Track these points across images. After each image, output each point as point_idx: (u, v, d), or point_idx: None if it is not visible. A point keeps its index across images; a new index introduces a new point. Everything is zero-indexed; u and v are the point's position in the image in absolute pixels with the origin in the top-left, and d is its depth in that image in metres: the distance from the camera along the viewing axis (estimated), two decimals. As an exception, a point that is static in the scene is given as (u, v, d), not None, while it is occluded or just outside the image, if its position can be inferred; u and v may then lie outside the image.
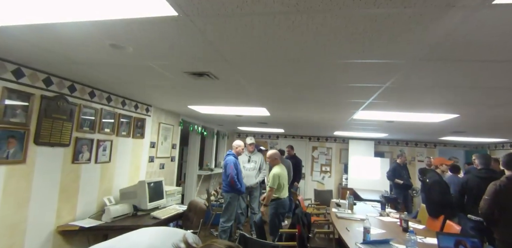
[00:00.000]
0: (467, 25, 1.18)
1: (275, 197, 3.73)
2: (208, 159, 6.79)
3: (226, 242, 0.90)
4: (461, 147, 7.56)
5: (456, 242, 2.09)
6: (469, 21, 1.15)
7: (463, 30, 1.23)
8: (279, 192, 3.72)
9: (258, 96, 2.96)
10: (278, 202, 3.72)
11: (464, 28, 1.21)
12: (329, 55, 1.65)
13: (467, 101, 2.55)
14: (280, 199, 3.72)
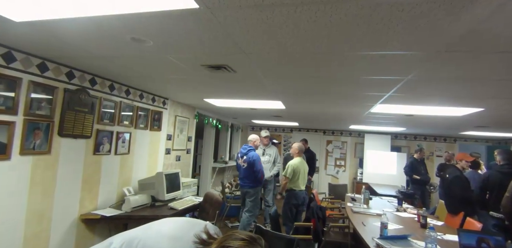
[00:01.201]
0: (495, 17, 1.12)
1: (289, 188, 3.77)
2: (222, 151, 6.86)
3: (246, 232, 0.91)
4: (483, 142, 7.29)
5: (478, 240, 2.04)
6: (497, 13, 1.08)
7: (491, 21, 1.16)
8: (293, 183, 3.77)
9: (274, 89, 2.94)
10: (291, 193, 3.78)
11: (492, 20, 1.15)
12: (350, 47, 1.60)
13: (493, 94, 2.43)
14: (294, 190, 3.77)
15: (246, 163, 3.88)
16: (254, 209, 3.84)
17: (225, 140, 6.91)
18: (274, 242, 2.13)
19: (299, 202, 3.76)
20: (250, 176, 3.83)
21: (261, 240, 0.90)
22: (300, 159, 3.92)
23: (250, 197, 3.87)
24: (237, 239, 0.87)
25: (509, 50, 1.47)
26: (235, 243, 0.85)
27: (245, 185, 3.93)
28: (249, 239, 0.87)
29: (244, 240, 0.86)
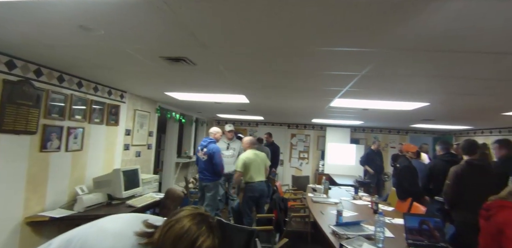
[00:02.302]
0: (445, 17, 1.21)
1: (244, 181, 3.81)
2: (186, 146, 6.72)
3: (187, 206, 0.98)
4: (430, 134, 7.99)
5: (420, 222, 2.25)
6: (447, 13, 1.18)
7: (441, 21, 1.26)
8: (246, 176, 3.78)
9: (237, 83, 2.93)
10: (246, 186, 3.80)
11: (442, 20, 1.24)
12: (309, 43, 1.64)
13: (438, 90, 2.66)
14: (248, 183, 3.77)
15: (206, 155, 3.84)
16: (214, 203, 3.82)
17: (189, 135, 6.77)
18: (234, 234, 2.16)
19: (256, 195, 3.75)
20: (210, 169, 3.79)
21: (202, 207, 1.00)
22: (252, 152, 3.90)
23: (210, 191, 3.84)
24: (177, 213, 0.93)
25: (454, 49, 1.60)
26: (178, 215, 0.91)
27: (204, 178, 3.88)
28: (190, 208, 0.96)
29: (186, 210, 0.94)
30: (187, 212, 0.92)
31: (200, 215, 0.92)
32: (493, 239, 1.71)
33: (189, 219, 0.89)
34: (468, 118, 4.64)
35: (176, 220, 0.89)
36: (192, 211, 0.93)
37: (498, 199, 1.78)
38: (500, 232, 1.67)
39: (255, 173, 3.81)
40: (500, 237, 1.67)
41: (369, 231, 2.37)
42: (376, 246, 2.10)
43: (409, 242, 2.21)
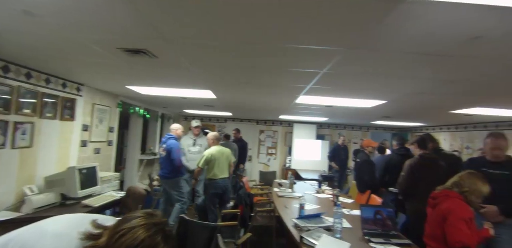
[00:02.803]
0: (402, 21, 1.28)
1: (207, 177, 3.83)
2: (151, 143, 6.50)
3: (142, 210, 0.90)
4: (389, 130, 8.51)
5: (375, 212, 2.40)
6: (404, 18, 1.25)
7: (398, 25, 1.33)
8: (209, 173, 3.79)
9: (202, 78, 2.88)
10: (209, 182, 3.82)
11: (399, 23, 1.31)
12: (275, 39, 1.65)
13: (393, 89, 2.83)
14: (211, 179, 3.80)
15: (165, 151, 3.76)
16: (183, 197, 3.75)
17: (154, 131, 6.54)
18: (197, 231, 2.14)
19: (219, 191, 3.78)
20: (168, 165, 3.72)
21: (157, 212, 0.91)
22: (217, 148, 3.92)
23: (172, 188, 3.76)
24: (131, 219, 0.84)
25: (405, 50, 1.71)
26: (128, 224, 0.83)
27: (163, 175, 3.80)
28: (144, 215, 0.86)
29: (139, 217, 0.85)
30: (141, 221, 0.83)
31: (155, 226, 0.84)
32: (438, 225, 1.87)
33: (143, 230, 0.81)
34: (420, 116, 5.02)
35: (129, 228, 0.81)
36: (147, 220, 0.84)
37: (444, 189, 1.95)
38: (444, 219, 1.83)
39: (218, 170, 3.83)
40: (443, 223, 1.83)
41: (328, 222, 2.48)
42: (334, 236, 2.21)
43: (365, 231, 2.35)
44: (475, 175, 1.91)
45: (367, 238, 2.23)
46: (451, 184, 1.93)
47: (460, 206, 1.80)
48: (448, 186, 1.95)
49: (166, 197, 3.85)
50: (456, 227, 1.72)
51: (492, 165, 2.40)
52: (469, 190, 1.84)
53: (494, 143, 2.35)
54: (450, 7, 1.12)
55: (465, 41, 1.47)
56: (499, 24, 1.27)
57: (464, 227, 1.72)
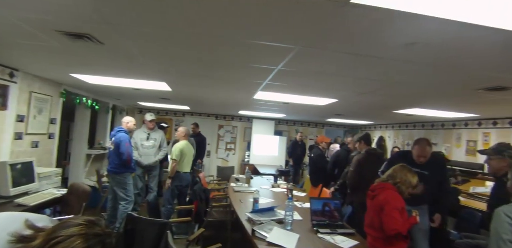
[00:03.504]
0: (341, 21, 1.34)
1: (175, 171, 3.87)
2: (101, 136, 6.06)
3: (84, 217, 0.83)
4: (342, 127, 9.01)
5: (323, 204, 2.54)
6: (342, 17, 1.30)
7: (347, 26, 1.39)
8: (179, 166, 3.88)
9: (155, 69, 2.74)
10: (176, 175, 3.87)
11: (339, 23, 1.37)
12: (231, 33, 1.63)
13: (342, 88, 2.99)
14: (178, 172, 3.88)
15: (114, 144, 3.55)
16: (128, 196, 3.57)
17: (104, 124, 6.10)
18: (146, 228, 2.06)
19: (183, 184, 3.91)
20: (116, 159, 3.50)
21: (101, 221, 0.84)
22: (186, 142, 4.01)
23: (118, 185, 3.54)
24: (70, 226, 0.77)
25: (347, 51, 1.80)
26: (67, 231, 0.76)
27: (111, 170, 3.57)
28: (86, 223, 0.80)
29: (80, 225, 0.78)
30: (82, 229, 0.77)
31: (95, 237, 0.78)
32: (377, 215, 2.03)
33: (82, 240, 0.74)
34: (368, 114, 5.39)
35: (67, 236, 0.74)
36: (88, 230, 0.78)
37: (381, 182, 2.12)
38: (381, 209, 1.99)
39: (187, 163, 3.95)
40: (381, 213, 2.00)
41: (281, 215, 2.55)
42: (285, 228, 2.28)
43: (314, 222, 2.47)
44: (406, 168, 2.13)
45: (316, 229, 2.35)
46: (387, 177, 2.12)
47: (394, 197, 1.98)
48: (384, 179, 2.13)
49: (114, 194, 3.63)
50: (391, 216, 1.89)
51: (417, 165, 2.56)
52: (400, 181, 2.04)
53: (420, 151, 2.54)
54: (390, 14, 1.20)
55: (402, 46, 1.59)
56: (433, 33, 1.40)
57: (398, 216, 1.89)
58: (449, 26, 1.29)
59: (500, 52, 1.62)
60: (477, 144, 4.77)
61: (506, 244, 1.38)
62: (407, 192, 2.04)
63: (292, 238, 2.08)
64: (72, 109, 5.17)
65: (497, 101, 2.98)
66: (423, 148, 2.54)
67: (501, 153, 2.26)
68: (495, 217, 1.45)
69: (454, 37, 1.43)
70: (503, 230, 1.40)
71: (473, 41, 1.48)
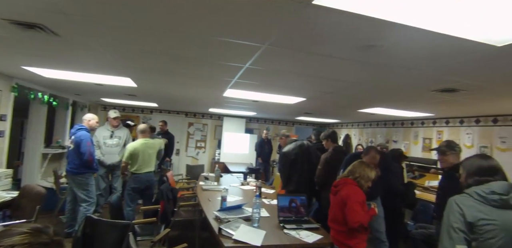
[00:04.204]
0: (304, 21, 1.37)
1: (130, 171, 3.58)
2: (60, 135, 5.66)
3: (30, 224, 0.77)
4: (311, 125, 9.26)
5: (290, 201, 2.59)
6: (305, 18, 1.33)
7: (301, 25, 1.42)
8: (132, 167, 3.55)
9: (118, 64, 2.61)
10: (131, 177, 3.58)
11: (302, 24, 1.40)
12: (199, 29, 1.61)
13: (309, 87, 3.07)
14: (133, 173, 3.56)
15: (73, 143, 3.32)
16: (90, 197, 3.37)
17: (63, 121, 5.70)
18: (107, 231, 1.96)
19: (141, 186, 3.57)
20: (76, 159, 3.29)
21: (49, 228, 0.78)
22: (143, 141, 3.67)
23: (79, 186, 3.33)
24: (13, 234, 0.71)
25: (312, 51, 1.85)
26: (8, 241, 0.69)
27: (70, 170, 3.33)
28: (31, 231, 0.73)
29: (23, 234, 0.72)
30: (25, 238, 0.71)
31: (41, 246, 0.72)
32: (340, 209, 2.13)
33: None
34: (335, 113, 5.59)
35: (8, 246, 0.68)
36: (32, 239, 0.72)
37: (342, 178, 2.22)
38: (344, 203, 2.08)
39: (143, 163, 3.59)
40: (344, 208, 2.09)
41: (248, 213, 2.56)
42: (252, 226, 2.30)
43: (280, 219, 2.51)
44: (364, 164, 2.28)
45: (282, 225, 2.40)
46: (347, 172, 2.23)
47: (355, 192, 2.08)
48: (345, 175, 2.23)
49: (73, 195, 3.42)
50: (354, 209, 1.99)
51: None
52: (359, 176, 2.16)
53: (371, 159, 2.82)
54: (350, 16, 1.25)
55: (361, 48, 1.67)
56: (389, 37, 1.48)
57: (359, 209, 1.99)
58: (404, 30, 1.37)
59: (449, 57, 1.75)
60: (432, 141, 5.15)
61: (455, 231, 1.50)
62: (366, 185, 2.16)
63: (259, 235, 2.10)
64: (27, 105, 4.77)
65: (448, 102, 3.24)
66: (372, 156, 2.87)
67: (454, 148, 2.48)
68: (448, 205, 1.58)
69: (409, 41, 1.53)
70: (453, 218, 1.53)
71: (426, 46, 1.59)
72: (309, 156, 3.52)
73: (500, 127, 4.07)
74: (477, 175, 1.59)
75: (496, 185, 1.51)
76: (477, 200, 1.50)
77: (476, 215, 1.48)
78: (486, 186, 1.52)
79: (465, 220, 1.49)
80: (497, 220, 1.44)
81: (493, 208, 1.47)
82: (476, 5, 1.10)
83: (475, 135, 4.41)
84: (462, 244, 1.47)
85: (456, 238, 1.49)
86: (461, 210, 1.52)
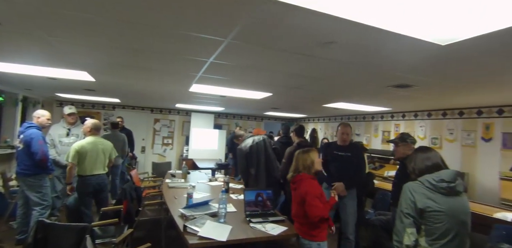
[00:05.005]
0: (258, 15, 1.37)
1: (77, 174, 3.22)
2: (8, 133, 5.18)
3: None
4: (279, 120, 9.40)
5: (256, 195, 2.63)
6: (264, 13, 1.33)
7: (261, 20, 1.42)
8: (79, 169, 3.18)
9: (72, 56, 2.43)
10: (79, 180, 3.21)
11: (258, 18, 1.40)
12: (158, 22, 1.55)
13: (274, 82, 3.10)
14: (82, 176, 3.19)
15: (23, 143, 3.04)
16: (45, 200, 3.12)
17: (12, 118, 5.22)
18: (62, 235, 1.84)
19: (90, 190, 3.18)
20: (26, 159, 3.02)
21: None
22: (91, 139, 3.30)
23: (31, 188, 3.07)
24: None
25: (273, 47, 1.86)
26: None
27: (20, 172, 3.05)
28: None
29: None
30: None
31: None
32: (300, 206, 2.19)
33: None
34: (301, 108, 5.73)
35: None
36: None
37: (296, 174, 2.28)
38: (303, 200, 2.14)
39: (91, 164, 3.22)
40: (303, 204, 2.15)
41: (215, 209, 2.55)
42: (219, 221, 2.30)
43: (247, 213, 2.54)
44: (299, 152, 2.35)
45: (248, 219, 2.42)
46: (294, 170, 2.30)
47: (312, 186, 2.15)
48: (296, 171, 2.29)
49: (25, 199, 3.16)
50: (313, 205, 2.06)
51: (340, 148, 3.11)
52: (303, 165, 2.25)
53: (343, 129, 3.07)
54: (309, 13, 1.28)
55: (321, 44, 1.71)
56: (347, 34, 1.54)
57: (318, 203, 2.07)
58: (358, 29, 1.43)
59: (401, 55, 1.86)
60: (390, 134, 5.49)
61: (406, 217, 1.64)
62: (314, 170, 2.23)
63: (224, 230, 2.10)
64: (-35, 101, 4.28)
65: (403, 97, 3.46)
66: (345, 127, 3.09)
67: (405, 140, 2.68)
68: (402, 191, 1.72)
69: (364, 39, 1.60)
70: (405, 205, 1.66)
71: (382, 45, 1.67)
72: (265, 149, 3.59)
73: (448, 120, 4.45)
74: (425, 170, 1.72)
75: (444, 173, 1.66)
76: (428, 187, 1.64)
77: (425, 202, 1.61)
78: (436, 175, 1.66)
79: (416, 207, 1.62)
80: (444, 206, 1.59)
81: (442, 195, 1.62)
82: (424, 6, 1.18)
83: (427, 128, 4.78)
84: (411, 227, 1.61)
85: (406, 222, 1.63)
86: (413, 197, 1.65)
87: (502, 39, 1.46)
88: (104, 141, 3.45)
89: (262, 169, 3.53)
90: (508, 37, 1.43)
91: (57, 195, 3.85)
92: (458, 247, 1.59)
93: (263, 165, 3.55)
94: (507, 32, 1.36)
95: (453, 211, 1.59)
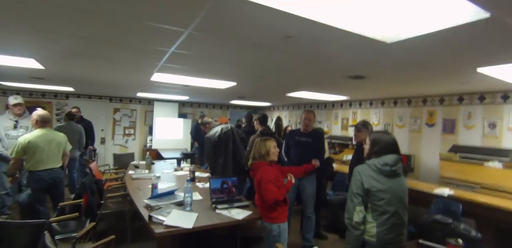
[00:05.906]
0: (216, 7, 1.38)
1: (27, 169, 3.04)
2: None
3: None
4: (245, 109, 9.46)
5: (221, 183, 2.70)
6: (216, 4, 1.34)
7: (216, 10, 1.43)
8: (29, 164, 3.00)
9: (16, 42, 2.22)
10: (29, 176, 3.02)
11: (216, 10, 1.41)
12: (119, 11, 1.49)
13: (237, 72, 3.12)
14: (32, 172, 3.01)
15: None
16: None
17: None
18: (16, 233, 1.77)
19: (43, 185, 3.03)
20: None
21: None
22: (40, 132, 3.08)
23: None
24: None
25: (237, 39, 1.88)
26: None
27: None
28: None
29: None
30: None
31: None
32: (258, 192, 2.31)
33: None
34: (266, 97, 5.83)
35: None
36: None
37: (254, 161, 2.40)
38: (259, 185, 2.27)
39: (43, 159, 3.02)
40: (260, 189, 2.28)
41: (181, 198, 2.59)
42: (185, 210, 2.35)
43: (213, 200, 2.61)
44: (256, 142, 2.45)
45: (214, 206, 2.50)
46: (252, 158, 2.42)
47: (266, 172, 2.28)
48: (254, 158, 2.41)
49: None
50: (267, 189, 2.20)
51: (302, 134, 3.34)
52: (259, 153, 2.38)
53: (306, 115, 3.31)
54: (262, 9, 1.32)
55: (281, 38, 1.78)
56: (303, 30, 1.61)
57: (272, 187, 2.21)
58: (313, 26, 1.51)
59: (354, 50, 2.00)
60: (349, 121, 5.85)
61: (355, 196, 1.85)
62: (273, 158, 2.37)
63: (190, 218, 2.16)
64: None
65: (359, 87, 3.70)
66: (308, 113, 3.32)
67: (367, 127, 3.03)
68: (353, 174, 1.92)
69: (320, 35, 1.69)
70: (355, 185, 1.86)
71: (334, 41, 1.78)
72: (233, 138, 3.67)
73: (399, 108, 4.85)
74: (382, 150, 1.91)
75: (387, 158, 1.87)
76: (374, 170, 1.85)
77: (371, 183, 1.82)
78: (381, 159, 1.86)
79: (363, 187, 1.83)
80: (386, 186, 1.82)
81: (384, 177, 1.83)
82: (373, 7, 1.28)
83: (381, 115, 5.17)
84: (359, 205, 1.82)
85: (356, 201, 1.83)
86: (361, 179, 1.85)
87: (440, 38, 1.64)
88: (56, 133, 3.24)
89: (230, 158, 3.61)
90: (445, 36, 1.61)
91: (6, 192, 3.59)
92: (398, 220, 1.83)
93: (231, 154, 3.62)
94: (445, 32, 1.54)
95: (394, 190, 1.82)
